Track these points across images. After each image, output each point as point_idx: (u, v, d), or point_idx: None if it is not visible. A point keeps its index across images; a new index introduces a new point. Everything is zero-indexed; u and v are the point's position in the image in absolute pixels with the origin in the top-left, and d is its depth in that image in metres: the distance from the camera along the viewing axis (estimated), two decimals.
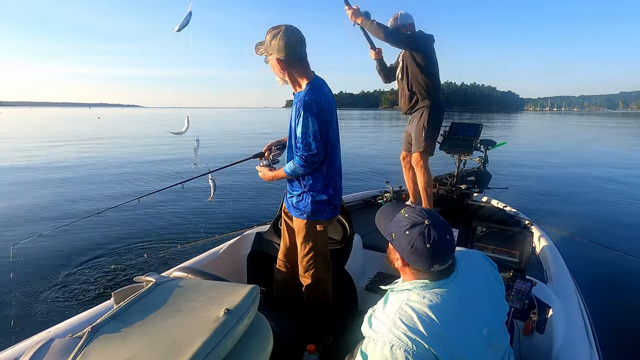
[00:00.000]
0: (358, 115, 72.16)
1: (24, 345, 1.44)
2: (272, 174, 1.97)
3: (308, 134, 1.72)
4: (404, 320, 1.01)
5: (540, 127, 32.04)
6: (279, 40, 1.70)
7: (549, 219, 5.17)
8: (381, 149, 15.79)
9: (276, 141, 2.12)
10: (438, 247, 1.04)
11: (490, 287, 1.16)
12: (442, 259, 1.06)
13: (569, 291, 2.09)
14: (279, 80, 1.86)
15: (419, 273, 1.10)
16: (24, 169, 10.02)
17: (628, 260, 3.03)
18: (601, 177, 9.03)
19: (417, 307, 1.03)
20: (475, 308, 1.08)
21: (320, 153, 1.77)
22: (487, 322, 1.08)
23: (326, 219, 1.92)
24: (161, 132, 21.67)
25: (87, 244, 4.55)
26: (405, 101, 3.28)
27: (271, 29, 1.74)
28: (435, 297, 1.05)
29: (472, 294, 1.10)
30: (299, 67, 1.78)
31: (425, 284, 1.07)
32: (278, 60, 1.75)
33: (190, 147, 2.38)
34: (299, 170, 1.79)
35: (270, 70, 1.84)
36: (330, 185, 1.88)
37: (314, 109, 1.71)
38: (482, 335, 1.05)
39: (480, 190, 4.08)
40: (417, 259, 1.07)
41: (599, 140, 19.97)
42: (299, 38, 1.74)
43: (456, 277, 1.10)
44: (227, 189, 7.20)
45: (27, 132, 24.84)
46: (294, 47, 1.73)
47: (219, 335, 0.97)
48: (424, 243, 1.04)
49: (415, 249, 1.06)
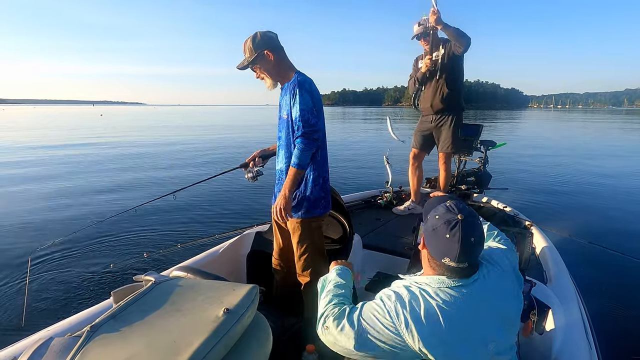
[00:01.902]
0: (361, 113, 72.07)
1: (23, 344, 1.44)
2: (285, 190, 1.79)
3: (307, 110, 1.75)
4: (413, 305, 1.03)
5: (542, 125, 32.03)
6: (261, 37, 1.83)
7: (549, 220, 5.17)
8: (381, 148, 15.75)
9: (260, 151, 2.18)
10: (456, 243, 1.04)
11: (508, 304, 1.13)
12: (455, 256, 1.04)
13: (569, 292, 2.08)
14: (270, 84, 1.90)
15: (434, 264, 1.10)
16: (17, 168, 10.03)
17: (628, 261, 3.03)
18: (602, 177, 9.02)
19: (428, 301, 1.04)
20: (486, 321, 1.06)
21: (320, 128, 1.81)
22: (495, 339, 1.06)
23: (320, 214, 1.92)
24: (158, 131, 21.66)
25: (87, 243, 4.55)
26: (438, 101, 3.33)
27: (245, 40, 1.86)
28: (448, 298, 1.04)
29: (487, 306, 1.07)
30: (285, 57, 1.89)
31: (442, 281, 1.07)
32: (269, 53, 1.82)
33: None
34: (304, 151, 1.76)
35: (260, 79, 1.91)
36: (321, 175, 1.90)
37: (307, 87, 1.79)
38: (487, 350, 1.04)
39: (480, 191, 4.08)
40: (434, 243, 1.09)
41: (601, 140, 19.95)
42: (273, 33, 1.88)
43: (475, 282, 1.08)
44: (227, 189, 7.20)
45: (23, 131, 24.82)
46: (276, 39, 1.87)
47: (218, 334, 0.98)
48: (445, 231, 1.06)
49: (436, 233, 1.08)
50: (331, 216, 2.49)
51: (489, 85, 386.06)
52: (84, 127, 25.69)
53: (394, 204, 3.73)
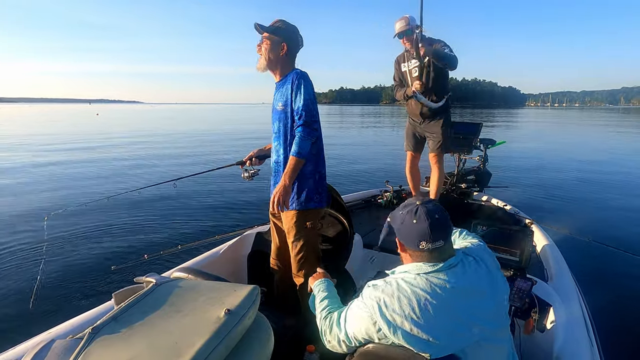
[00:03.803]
0: (359, 111, 72.00)
1: (25, 346, 1.44)
2: (285, 179, 1.75)
3: (310, 100, 1.78)
4: (393, 297, 1.08)
5: (539, 123, 32.09)
6: (291, 30, 1.86)
7: (550, 218, 5.17)
8: (381, 147, 15.79)
9: (257, 150, 2.19)
10: (424, 222, 1.10)
11: (492, 289, 1.15)
12: (428, 235, 1.10)
13: (570, 290, 2.09)
14: (261, 64, 1.90)
15: (414, 254, 1.15)
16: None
17: (629, 258, 3.03)
18: (602, 175, 9.02)
19: (405, 290, 1.08)
20: (468, 305, 1.07)
21: (318, 120, 1.84)
22: (479, 322, 1.07)
23: (314, 208, 1.92)
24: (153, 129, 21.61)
25: (87, 244, 4.55)
26: (426, 110, 3.28)
27: (280, 20, 1.88)
28: (426, 283, 1.08)
29: (469, 290, 1.09)
30: (294, 56, 1.91)
31: (419, 267, 1.12)
32: (285, 45, 1.84)
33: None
34: (304, 140, 1.76)
35: (259, 52, 1.89)
36: (317, 170, 1.91)
37: (309, 80, 1.82)
38: (472, 333, 1.05)
39: (480, 189, 4.09)
40: (406, 234, 1.14)
41: (600, 138, 19.97)
42: (297, 30, 1.91)
43: (454, 267, 1.12)
44: (227, 189, 7.20)
45: (18, 131, 24.79)
46: (297, 39, 1.90)
47: (219, 335, 0.97)
48: (411, 219, 1.13)
49: (405, 225, 1.15)
50: (331, 216, 2.49)
51: (487, 84, 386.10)
52: (80, 131, 25.59)
53: (394, 203, 3.73)
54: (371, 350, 1.12)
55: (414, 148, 3.53)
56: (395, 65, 3.48)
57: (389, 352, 1.07)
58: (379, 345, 1.10)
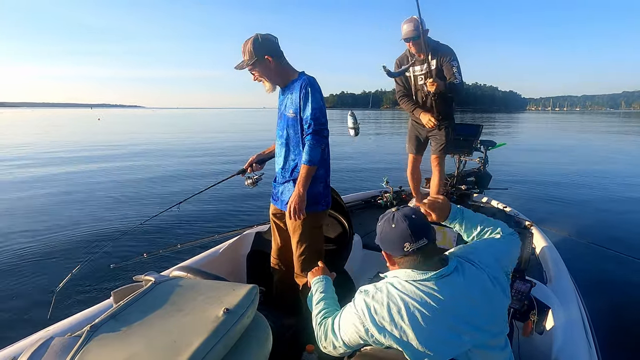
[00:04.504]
0: (359, 115, 72.13)
1: (23, 343, 1.44)
2: (299, 188, 1.76)
3: (318, 109, 1.77)
4: (382, 303, 1.08)
5: (540, 127, 32.08)
6: (262, 41, 1.80)
7: (549, 220, 5.16)
8: (381, 148, 15.78)
9: (257, 156, 2.19)
10: (402, 224, 1.12)
11: (486, 297, 1.11)
12: (409, 236, 1.11)
13: (569, 292, 2.08)
14: (269, 87, 1.90)
15: (401, 262, 1.15)
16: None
17: (628, 261, 3.02)
18: (602, 178, 9.01)
19: (394, 297, 1.08)
20: (458, 313, 1.05)
21: (327, 127, 1.83)
22: (471, 330, 1.05)
23: (322, 210, 1.93)
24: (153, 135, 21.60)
25: (86, 243, 4.55)
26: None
27: (245, 41, 1.82)
28: (415, 291, 1.07)
29: (460, 299, 1.07)
30: (285, 61, 1.89)
31: (408, 274, 1.11)
32: (269, 58, 1.81)
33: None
34: (315, 147, 1.76)
35: (258, 81, 1.89)
36: (327, 173, 1.93)
37: (317, 87, 1.81)
38: (462, 341, 1.04)
39: (480, 191, 4.08)
40: (389, 241, 1.16)
41: (600, 141, 19.95)
42: (274, 36, 1.86)
43: (447, 276, 1.09)
44: (227, 189, 7.19)
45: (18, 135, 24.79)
46: (276, 43, 1.85)
47: (218, 334, 0.97)
48: (390, 225, 1.15)
49: (385, 233, 1.17)
50: (331, 216, 2.49)
51: (487, 88, 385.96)
52: (82, 138, 25.54)
53: (394, 204, 3.73)
54: (369, 352, 1.12)
55: (416, 150, 3.53)
56: (395, 67, 3.40)
57: (387, 354, 1.08)
58: (376, 347, 1.10)
